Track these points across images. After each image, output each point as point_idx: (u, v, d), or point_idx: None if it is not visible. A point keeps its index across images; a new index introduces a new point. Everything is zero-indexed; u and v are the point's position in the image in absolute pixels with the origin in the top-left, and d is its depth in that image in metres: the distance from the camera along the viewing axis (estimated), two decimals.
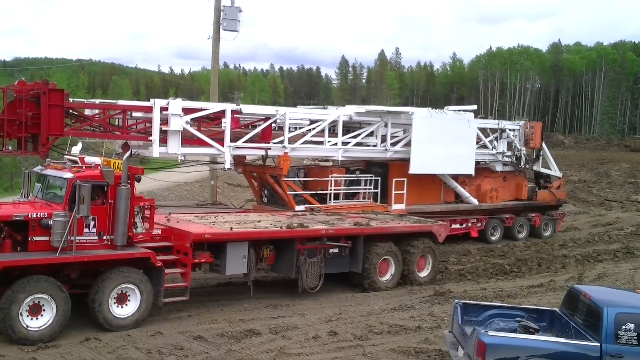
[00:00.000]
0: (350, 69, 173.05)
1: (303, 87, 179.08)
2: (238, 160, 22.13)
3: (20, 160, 30.86)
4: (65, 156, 15.57)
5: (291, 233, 17.40)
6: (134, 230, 14.87)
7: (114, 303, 14.44)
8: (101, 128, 18.63)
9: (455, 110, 25.97)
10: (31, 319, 13.35)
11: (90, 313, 14.29)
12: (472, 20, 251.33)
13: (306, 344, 13.86)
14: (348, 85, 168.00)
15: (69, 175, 14.11)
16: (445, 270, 21.68)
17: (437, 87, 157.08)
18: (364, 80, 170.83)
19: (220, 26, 28.67)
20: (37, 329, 13.38)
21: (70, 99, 18.84)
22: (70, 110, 17.91)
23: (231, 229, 16.70)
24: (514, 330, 11.92)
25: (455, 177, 25.77)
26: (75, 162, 14.97)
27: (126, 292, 14.59)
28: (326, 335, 14.45)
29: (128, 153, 14.89)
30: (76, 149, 15.28)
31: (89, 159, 14.97)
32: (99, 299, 14.19)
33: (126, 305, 14.64)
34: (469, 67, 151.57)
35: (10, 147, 17.30)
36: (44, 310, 13.49)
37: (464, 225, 26.06)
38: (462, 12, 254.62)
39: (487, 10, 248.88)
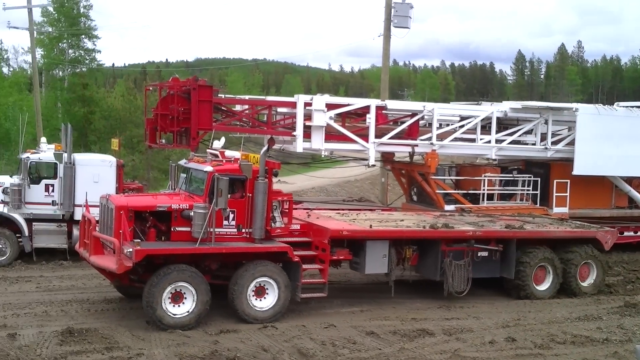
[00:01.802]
0: (527, 64, 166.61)
1: (475, 84, 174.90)
2: (386, 157, 22.06)
3: (170, 153, 32.85)
4: (207, 150, 16.36)
5: (434, 233, 17.06)
6: (272, 224, 15.34)
7: (253, 296, 15.00)
8: (249, 123, 19.34)
9: (627, 107, 24.01)
10: (173, 306, 14.23)
11: (229, 304, 14.95)
12: None
13: (482, 348, 13.72)
14: (524, 81, 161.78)
15: (209, 168, 14.85)
16: (636, 280, 20.50)
17: (626, 83, 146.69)
18: (542, 76, 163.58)
19: (391, 23, 28.77)
20: (179, 316, 14.24)
21: (222, 95, 19.75)
22: (220, 106, 18.75)
23: (370, 226, 16.70)
24: None
25: (629, 180, 23.83)
26: (216, 155, 15.69)
27: (264, 285, 15.10)
28: (503, 340, 14.19)
29: (265, 147, 15.34)
30: (218, 144, 15.99)
31: (229, 153, 15.62)
32: (237, 290, 14.82)
33: (264, 298, 15.17)
34: None
35: (163, 140, 18.49)
36: (185, 298, 14.32)
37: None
38: None
39: None
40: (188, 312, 14.27)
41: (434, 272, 17.28)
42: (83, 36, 57.28)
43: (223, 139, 16.56)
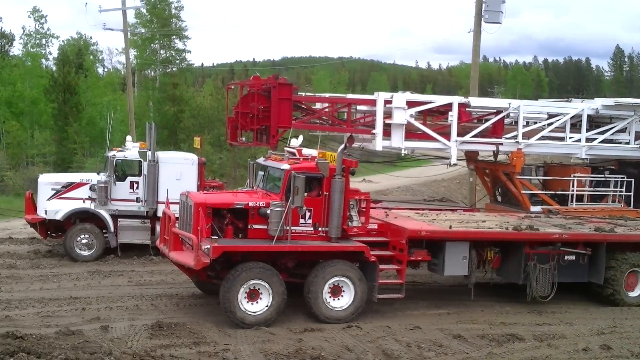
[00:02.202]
0: (627, 59, 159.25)
1: (570, 80, 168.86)
2: (470, 156, 21.52)
3: (256, 151, 33.24)
4: (285, 148, 16.40)
5: (517, 235, 16.55)
6: (349, 223, 15.24)
7: (328, 295, 14.97)
8: (329, 121, 19.28)
9: None
10: (249, 303, 14.37)
11: (305, 303, 14.96)
12: None
13: (575, 356, 13.37)
14: (623, 77, 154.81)
15: (286, 166, 14.89)
16: None
17: None
18: None
19: (482, 19, 28.14)
20: (255, 313, 14.40)
21: (302, 93, 19.78)
22: (300, 104, 18.77)
23: (450, 227, 16.33)
24: None
25: None
26: (293, 154, 15.71)
27: (340, 285, 15.06)
28: (598, 348, 13.76)
29: (342, 146, 15.22)
30: (295, 142, 16.01)
31: (306, 151, 15.61)
32: (313, 289, 14.84)
33: (340, 297, 15.13)
34: None
35: (243, 138, 18.68)
36: (261, 295, 14.43)
37: None
38: None
39: None
40: (263, 310, 14.40)
41: (516, 276, 16.80)
42: (174, 37, 59.00)
43: (301, 137, 16.58)
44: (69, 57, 53.15)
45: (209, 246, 13.78)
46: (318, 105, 19.80)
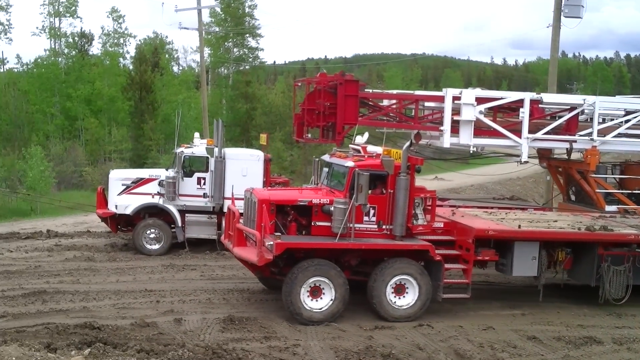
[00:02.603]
0: None
1: None
2: (542, 154, 20.90)
3: (327, 148, 33.20)
4: (350, 145, 16.30)
5: (589, 236, 15.99)
6: (413, 221, 15.07)
7: (392, 293, 14.88)
8: (396, 118, 19.06)
9: None
10: (311, 299, 14.40)
11: (367, 300, 14.89)
12: None
13: None
14: None
15: (350, 163, 14.82)
16: None
17: None
18: None
19: (561, 13, 27.34)
20: (317, 310, 14.43)
21: (370, 90, 19.61)
22: (367, 101, 18.62)
23: (519, 227, 15.91)
24: None
25: None
26: (358, 151, 15.61)
27: (404, 283, 14.94)
28: None
29: (408, 143, 15.03)
30: (360, 139, 15.91)
31: (371, 148, 15.48)
32: (376, 287, 14.77)
33: (404, 296, 15.00)
34: None
35: (309, 135, 18.69)
36: (323, 292, 14.44)
37: None
38: None
39: None
40: (326, 307, 14.41)
41: (589, 277, 16.28)
42: (247, 35, 59.73)
43: (366, 134, 16.48)
44: (145, 56, 54.45)
45: (272, 242, 13.87)
46: (385, 102, 19.60)
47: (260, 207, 14.46)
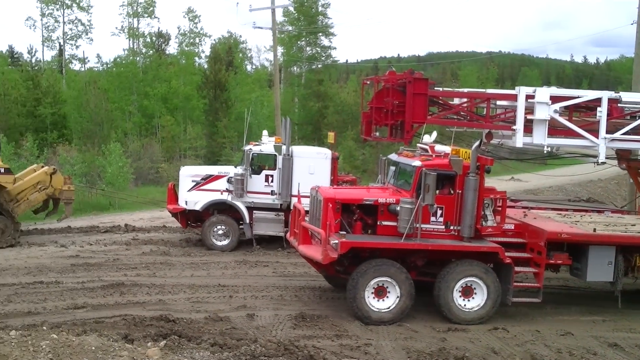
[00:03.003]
0: None
1: None
2: (621, 155, 20.03)
3: (399, 146, 32.91)
4: (417, 144, 16.04)
5: None
6: (482, 222, 14.71)
7: (459, 295, 14.58)
8: (467, 117, 18.63)
9: None
10: (376, 299, 14.26)
11: (434, 302, 14.67)
12: None
13: None
14: None
15: (417, 163, 14.59)
16: None
17: None
18: None
19: None
20: (381, 311, 14.29)
21: (440, 88, 19.25)
22: (436, 99, 18.29)
23: (594, 230, 15.29)
24: None
25: None
26: (425, 150, 15.33)
27: (472, 285, 14.62)
28: None
29: (477, 143, 14.66)
30: (428, 138, 15.62)
31: (439, 147, 15.19)
32: (443, 289, 14.51)
33: (472, 299, 14.69)
34: None
35: (377, 133, 18.50)
36: (388, 293, 14.26)
37: None
38: None
39: None
40: (390, 307, 14.24)
41: None
42: (320, 34, 59.92)
43: (435, 133, 16.19)
44: (220, 55, 55.38)
45: (337, 241, 13.80)
46: (456, 101, 19.21)
47: (326, 206, 14.39)
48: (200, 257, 20.27)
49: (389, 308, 14.23)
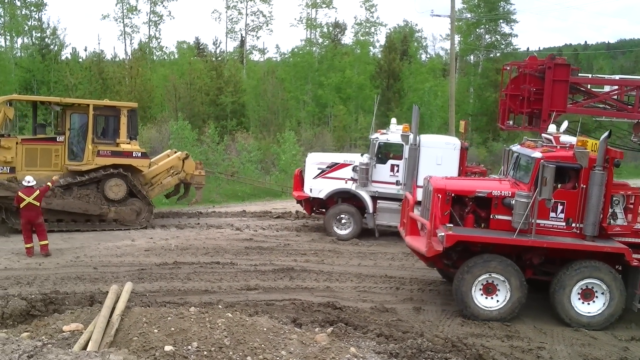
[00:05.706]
0: None
1: None
2: None
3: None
4: (542, 134, 15.13)
5: None
6: (610, 221, 13.64)
7: (578, 297, 13.71)
8: (615, 106, 17.30)
9: None
10: (484, 297, 13.78)
11: (549, 301, 13.91)
12: None
13: None
14: None
15: (537, 154, 13.79)
16: None
17: None
18: None
19: None
20: (488, 308, 13.77)
21: (588, 75, 18.07)
22: (579, 87, 17.20)
23: None
24: None
25: None
26: (549, 141, 14.43)
27: (593, 288, 13.65)
28: None
29: (606, 133, 13.45)
30: (552, 128, 14.69)
31: (564, 138, 14.22)
32: (559, 289, 13.70)
33: (592, 302, 13.74)
34: None
35: (511, 122, 17.76)
36: (498, 290, 13.69)
37: None
38: None
39: None
40: (498, 306, 13.66)
41: None
42: (501, 21, 57.92)
43: (566, 123, 15.16)
44: (394, 44, 55.41)
45: (443, 234, 13.42)
46: (606, 88, 17.88)
47: (435, 197, 14.04)
48: (368, 247, 20.33)
49: (497, 306, 13.66)
